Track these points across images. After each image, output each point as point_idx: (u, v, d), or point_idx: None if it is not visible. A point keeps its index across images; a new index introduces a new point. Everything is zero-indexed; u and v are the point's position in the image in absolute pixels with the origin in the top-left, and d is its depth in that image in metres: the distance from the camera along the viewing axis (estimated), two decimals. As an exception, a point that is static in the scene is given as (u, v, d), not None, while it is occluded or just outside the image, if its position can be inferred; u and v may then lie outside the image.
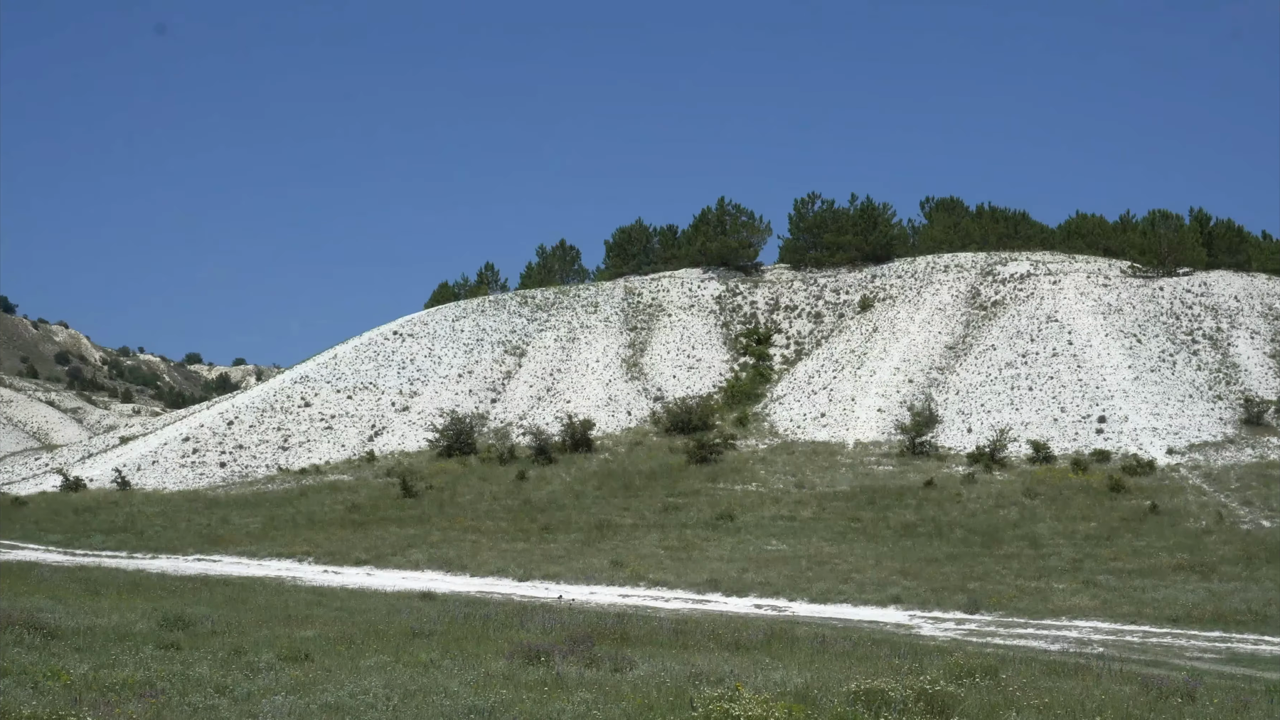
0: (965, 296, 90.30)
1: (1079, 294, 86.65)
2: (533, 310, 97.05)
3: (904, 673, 18.21)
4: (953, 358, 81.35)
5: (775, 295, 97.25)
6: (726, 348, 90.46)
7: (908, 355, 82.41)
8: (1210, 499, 56.28)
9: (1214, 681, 22.62)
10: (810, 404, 78.14)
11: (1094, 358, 77.13)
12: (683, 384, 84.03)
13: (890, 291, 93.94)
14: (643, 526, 55.26)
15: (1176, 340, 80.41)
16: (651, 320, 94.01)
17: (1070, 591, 40.89)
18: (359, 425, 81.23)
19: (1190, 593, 40.31)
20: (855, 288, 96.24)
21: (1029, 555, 47.96)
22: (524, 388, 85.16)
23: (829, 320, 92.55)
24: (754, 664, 19.70)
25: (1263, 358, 78.40)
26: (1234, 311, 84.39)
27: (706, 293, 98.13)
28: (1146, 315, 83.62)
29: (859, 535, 52.88)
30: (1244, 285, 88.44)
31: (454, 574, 45.46)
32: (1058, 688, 18.72)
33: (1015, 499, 57.84)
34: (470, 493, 63.80)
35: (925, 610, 38.18)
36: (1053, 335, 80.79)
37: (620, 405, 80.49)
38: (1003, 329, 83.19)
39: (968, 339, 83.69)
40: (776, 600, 39.80)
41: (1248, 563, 45.02)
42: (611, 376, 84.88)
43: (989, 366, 78.40)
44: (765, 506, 58.46)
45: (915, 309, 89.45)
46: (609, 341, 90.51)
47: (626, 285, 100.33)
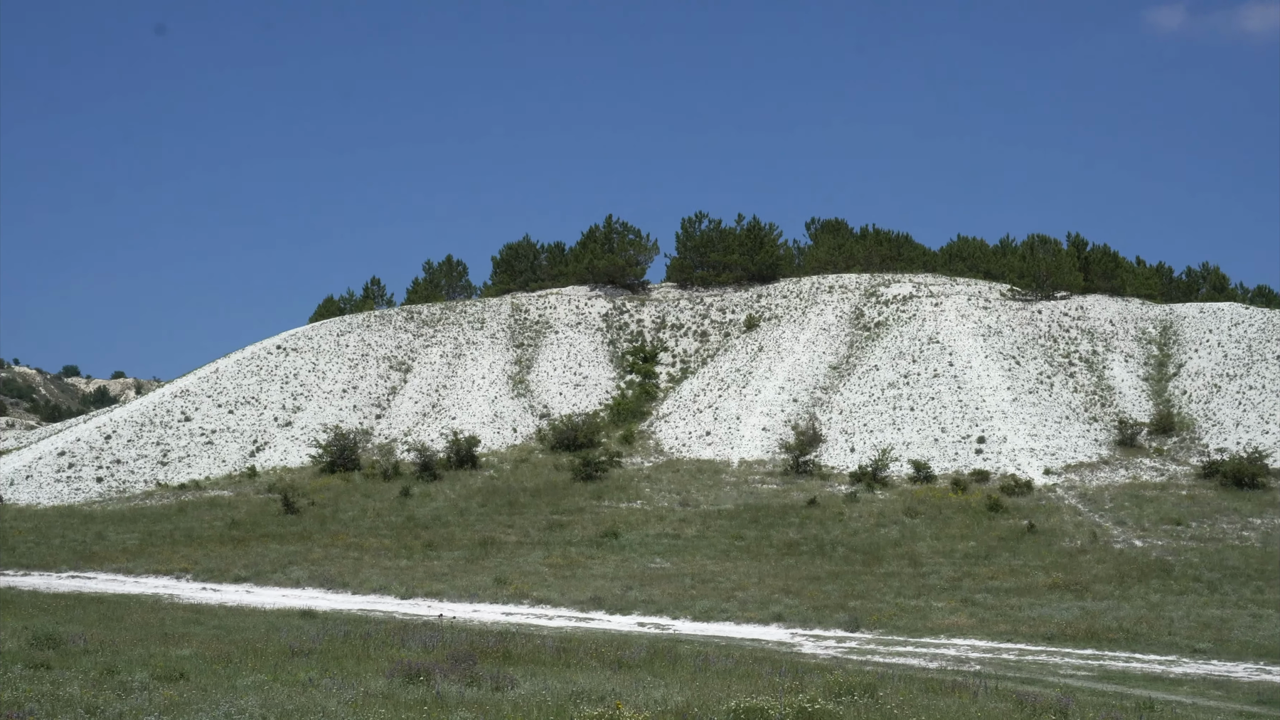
0: (849, 317, 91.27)
1: (960, 316, 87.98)
2: (419, 326, 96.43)
3: (784, 691, 18.33)
4: (836, 378, 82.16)
5: (662, 314, 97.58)
6: (613, 365, 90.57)
7: (792, 375, 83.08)
8: (1085, 519, 57.40)
9: (1086, 698, 23.06)
10: (696, 422, 78.46)
11: (974, 379, 78.34)
12: (569, 401, 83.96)
13: (776, 311, 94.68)
14: (527, 544, 55.13)
15: (1054, 363, 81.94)
16: (538, 337, 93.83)
17: (949, 610, 41.49)
18: (240, 440, 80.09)
19: (1065, 611, 41.10)
20: (741, 307, 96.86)
21: (909, 574, 48.58)
22: (409, 404, 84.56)
23: (715, 339, 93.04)
24: (635, 682, 19.72)
25: (1136, 380, 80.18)
26: (1109, 335, 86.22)
27: (594, 310, 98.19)
28: (1025, 338, 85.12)
29: (743, 553, 53.20)
30: (1119, 309, 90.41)
31: (336, 592, 45.00)
32: (935, 705, 18.96)
33: (896, 518, 58.55)
34: (353, 509, 63.20)
35: (807, 628, 38.51)
36: (934, 356, 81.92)
37: (506, 422, 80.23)
38: (886, 350, 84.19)
39: (851, 359, 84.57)
40: (660, 618, 39.91)
41: (1120, 581, 46.00)
42: (498, 393, 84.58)
43: (872, 387, 79.29)
44: (650, 524, 58.60)
45: (800, 329, 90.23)
46: (495, 358, 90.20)
47: (514, 302, 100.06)
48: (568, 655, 23.80)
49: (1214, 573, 47.03)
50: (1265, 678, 30.16)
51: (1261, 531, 54.04)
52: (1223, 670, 31.40)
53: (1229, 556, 49.71)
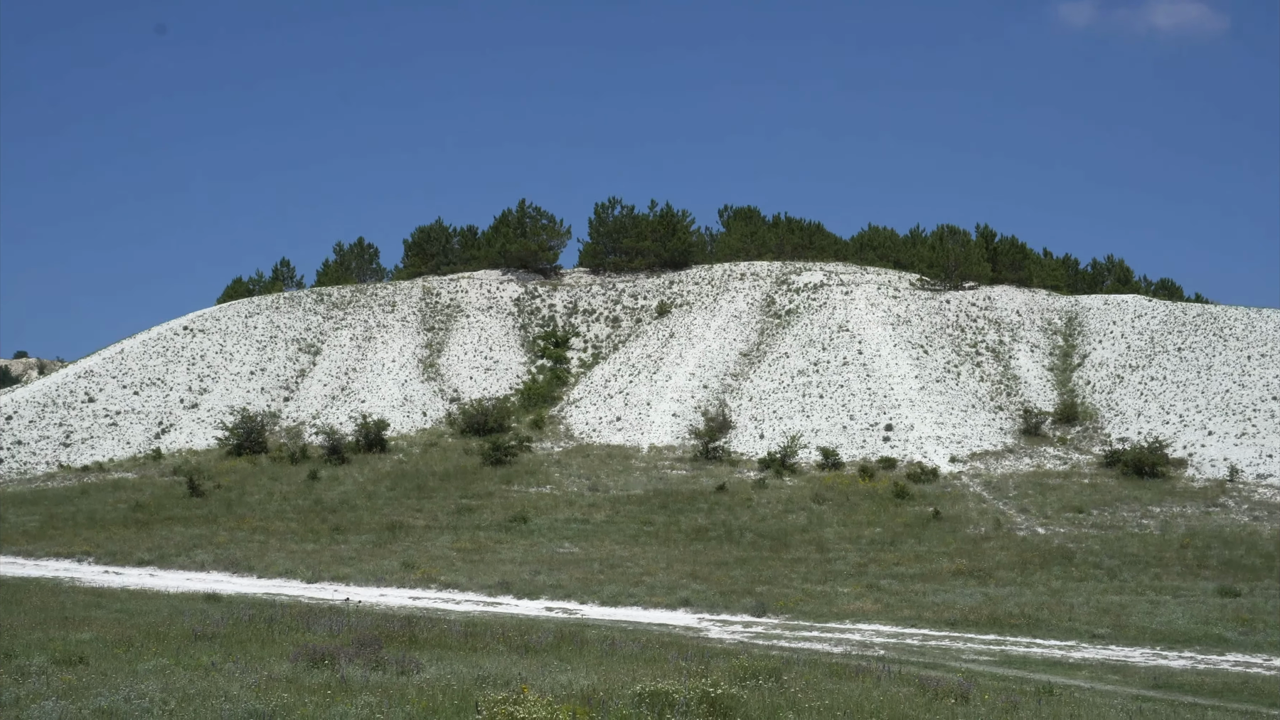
0: (760, 304, 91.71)
1: (870, 305, 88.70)
2: (329, 308, 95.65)
3: (689, 675, 18.41)
4: (747, 365, 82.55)
5: (574, 299, 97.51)
6: (524, 350, 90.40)
7: (703, 361, 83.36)
8: (989, 506, 58.15)
9: (987, 683, 23.36)
10: (606, 408, 78.51)
11: (883, 367, 79.05)
12: (480, 385, 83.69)
13: (687, 298, 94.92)
14: (436, 528, 54.93)
15: (961, 352, 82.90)
16: (449, 321, 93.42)
17: (855, 595, 41.85)
18: (146, 422, 79.04)
19: (968, 597, 41.62)
20: (653, 293, 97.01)
21: (816, 559, 48.96)
22: (318, 387, 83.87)
23: (627, 325, 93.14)
24: (542, 666, 19.72)
25: (1041, 370, 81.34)
26: (1016, 325, 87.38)
27: (505, 295, 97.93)
28: (934, 327, 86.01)
29: (651, 538, 53.34)
30: (1025, 300, 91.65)
31: (241, 575, 44.57)
32: (839, 689, 19.10)
33: (804, 504, 58.99)
34: (260, 492, 62.60)
35: (714, 613, 38.67)
36: (844, 344, 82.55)
37: (416, 406, 79.81)
38: (796, 337, 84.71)
39: (762, 346, 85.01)
40: (568, 603, 39.91)
41: (1022, 568, 46.67)
42: (408, 377, 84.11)
43: (782, 374, 79.75)
44: (559, 509, 58.60)
45: (712, 316, 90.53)
46: (406, 341, 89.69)
47: (425, 285, 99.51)
48: (474, 639, 23.74)
49: (1114, 560, 47.83)
50: (1161, 662, 30.71)
51: (1160, 520, 55.04)
52: (1120, 655, 31.93)
53: (1129, 544, 50.58)
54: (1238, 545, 49.82)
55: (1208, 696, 24.99)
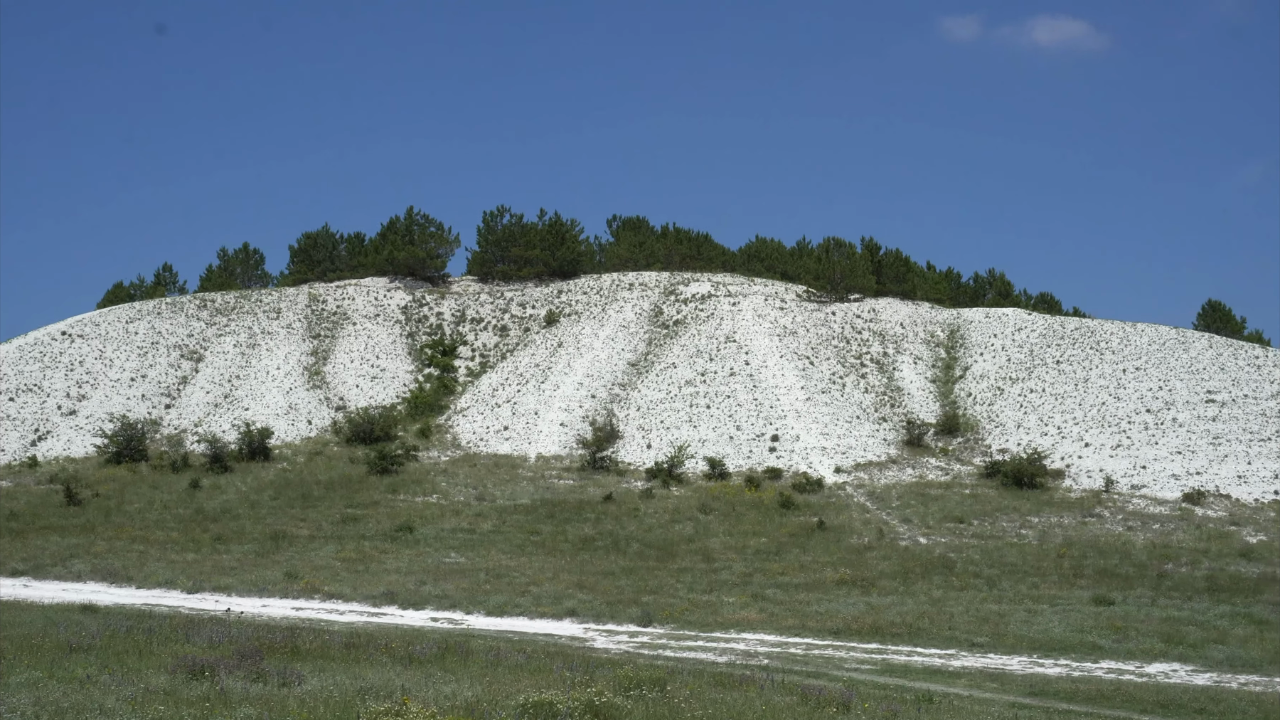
0: (649, 314, 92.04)
1: (757, 316, 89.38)
2: (212, 314, 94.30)
3: (574, 685, 18.45)
4: (635, 374, 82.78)
5: (462, 307, 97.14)
6: (411, 358, 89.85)
7: (591, 371, 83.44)
8: (873, 516, 58.84)
9: (868, 691, 23.67)
10: (494, 417, 78.29)
11: (769, 378, 79.68)
12: (366, 394, 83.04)
13: (576, 307, 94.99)
14: (320, 538, 54.39)
15: (846, 363, 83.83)
16: (336, 328, 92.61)
17: (740, 605, 42.14)
18: (21, 429, 77.31)
19: (851, 606, 42.08)
20: (542, 302, 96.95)
21: (702, 569, 49.20)
22: (201, 394, 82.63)
23: (515, 334, 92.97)
24: (426, 677, 19.63)
25: (924, 382, 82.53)
26: (899, 337, 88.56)
27: (393, 302, 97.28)
28: (819, 338, 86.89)
29: (538, 548, 53.27)
30: (909, 313, 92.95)
31: (119, 585, 43.79)
32: (722, 699, 19.24)
33: (691, 514, 59.25)
34: (140, 501, 61.53)
35: (600, 623, 38.73)
36: (731, 355, 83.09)
37: (301, 414, 78.96)
38: (684, 347, 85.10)
39: (650, 356, 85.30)
40: (453, 613, 39.76)
41: (904, 577, 47.28)
42: (293, 384, 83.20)
43: (669, 384, 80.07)
44: (445, 518, 58.32)
45: (600, 325, 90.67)
46: (291, 349, 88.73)
47: (311, 292, 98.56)
48: (358, 651, 23.57)
49: (993, 569, 48.61)
50: (1038, 670, 31.29)
51: (1039, 530, 56.03)
52: (999, 663, 32.49)
53: (1008, 554, 51.43)
54: (1112, 555, 50.88)
55: (1082, 703, 25.52)
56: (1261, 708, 25.52)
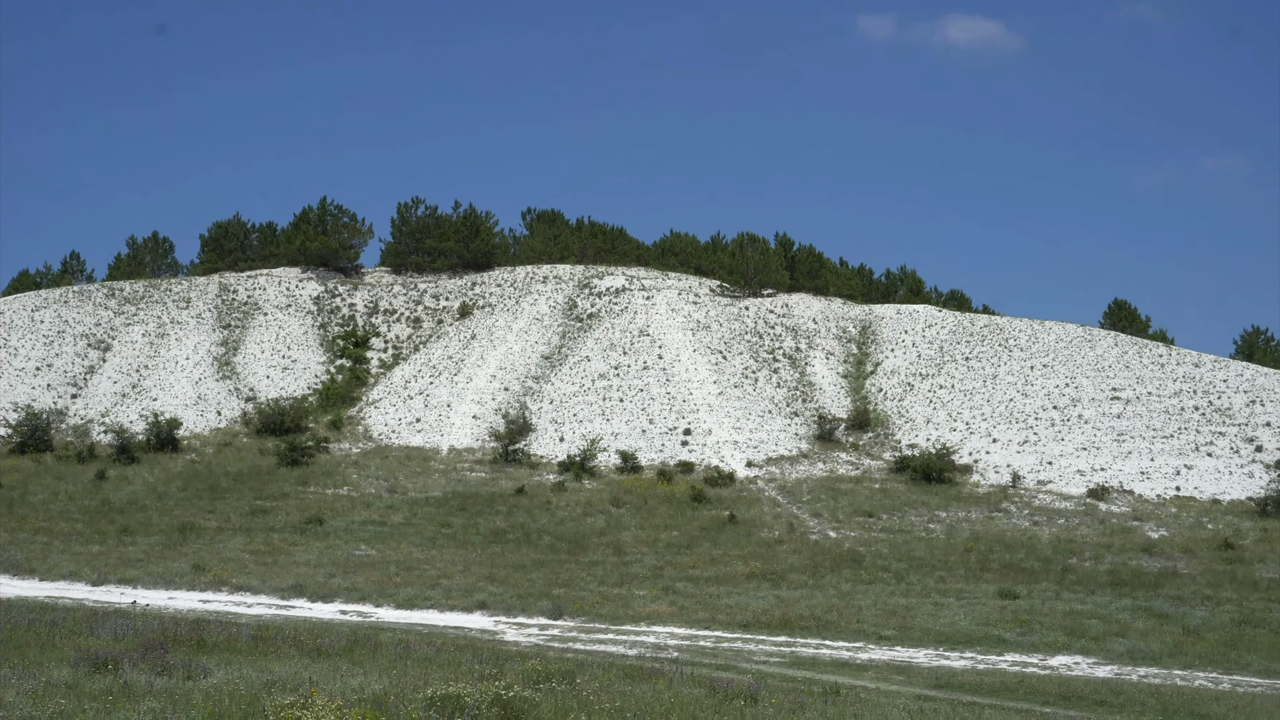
0: (563, 308, 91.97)
1: (670, 310, 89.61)
2: (120, 303, 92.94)
3: (483, 678, 18.43)
4: (548, 367, 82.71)
5: (375, 298, 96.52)
6: (323, 349, 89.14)
7: (505, 363, 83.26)
8: (784, 510, 59.23)
9: (776, 684, 23.84)
10: (406, 409, 77.89)
11: (682, 372, 79.92)
12: (277, 385, 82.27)
13: (490, 300, 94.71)
14: (228, 530, 53.87)
15: (759, 358, 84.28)
16: (247, 319, 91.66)
17: (650, 598, 42.29)
18: (-79, 418, 75.83)
19: (761, 599, 42.37)
20: (455, 294, 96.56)
21: (613, 562, 49.31)
22: (108, 384, 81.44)
23: (428, 326, 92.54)
24: (334, 670, 19.52)
25: (836, 377, 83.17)
26: (812, 333, 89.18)
27: (305, 293, 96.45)
28: (732, 333, 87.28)
29: (449, 541, 53.12)
30: (822, 308, 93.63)
31: (21, 578, 43.11)
32: (631, 691, 19.29)
33: (603, 507, 59.34)
34: (44, 492, 60.57)
35: (511, 616, 38.72)
36: (644, 349, 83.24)
37: (210, 405, 78.10)
38: (597, 341, 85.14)
39: (563, 349, 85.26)
40: (363, 606, 39.56)
41: (814, 571, 47.68)
42: (202, 375, 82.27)
43: (583, 377, 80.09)
44: (356, 511, 57.99)
45: (514, 318, 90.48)
46: (201, 339, 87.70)
47: (221, 281, 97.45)
48: (265, 644, 23.37)
49: (901, 563, 49.14)
50: (944, 663, 31.69)
51: (946, 524, 56.70)
52: (905, 656, 32.87)
53: (915, 548, 52.01)
54: (1018, 549, 51.60)
55: (986, 695, 25.88)
56: (1160, 699, 26.02)
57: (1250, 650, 35.19)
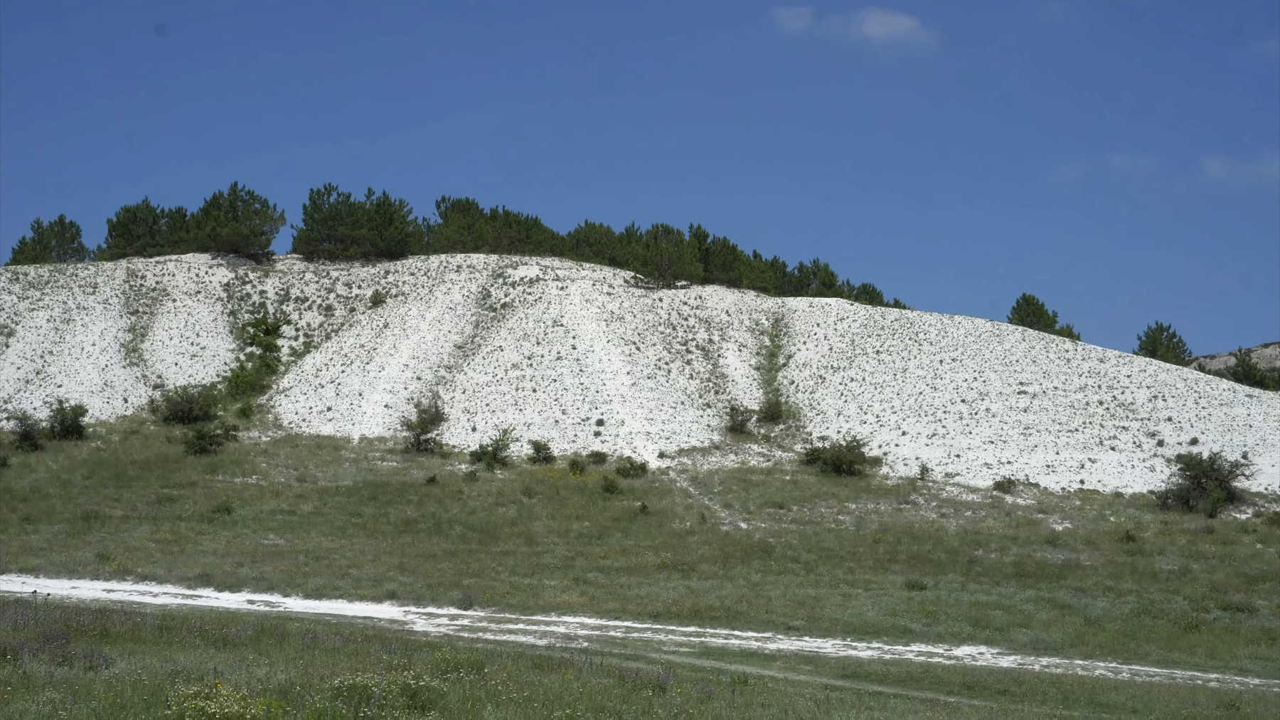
0: (476, 297, 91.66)
1: (584, 300, 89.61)
2: (24, 288, 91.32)
3: (391, 668, 18.38)
4: (461, 357, 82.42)
5: (286, 286, 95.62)
6: (233, 337, 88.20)
7: (417, 353, 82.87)
8: (695, 501, 59.48)
9: (685, 674, 23.98)
10: (317, 397, 77.31)
11: (596, 363, 79.98)
12: (185, 372, 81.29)
13: (403, 288, 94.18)
14: (134, 518, 53.20)
15: (673, 350, 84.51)
16: (155, 305, 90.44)
17: (561, 588, 42.33)
18: None
19: (672, 590, 42.54)
20: (368, 283, 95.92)
21: (524, 552, 49.29)
22: (11, 369, 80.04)
23: (340, 314, 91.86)
24: (239, 660, 19.39)
25: (748, 369, 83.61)
26: (725, 325, 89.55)
27: (215, 279, 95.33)
28: (646, 324, 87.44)
29: (359, 531, 52.84)
30: (735, 300, 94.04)
31: (-81, 567, 42.34)
32: (540, 681, 19.33)
33: (514, 497, 59.28)
34: (-57, 480, 59.47)
35: (420, 606, 38.60)
36: (558, 339, 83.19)
37: (117, 392, 77.03)
38: (511, 331, 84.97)
39: (477, 339, 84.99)
40: (271, 595, 39.26)
41: (724, 562, 47.93)
42: (109, 361, 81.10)
43: (496, 367, 79.89)
44: (265, 500, 57.49)
45: (427, 307, 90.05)
46: (108, 325, 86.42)
47: (129, 267, 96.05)
48: (170, 634, 23.15)
49: (811, 554, 49.54)
50: (851, 653, 32.02)
51: (855, 516, 57.24)
52: (813, 646, 33.17)
53: (825, 539, 52.46)
54: (925, 541, 52.22)
55: (892, 685, 26.18)
56: (1061, 688, 26.47)
57: (1149, 640, 35.88)
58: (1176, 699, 25.43)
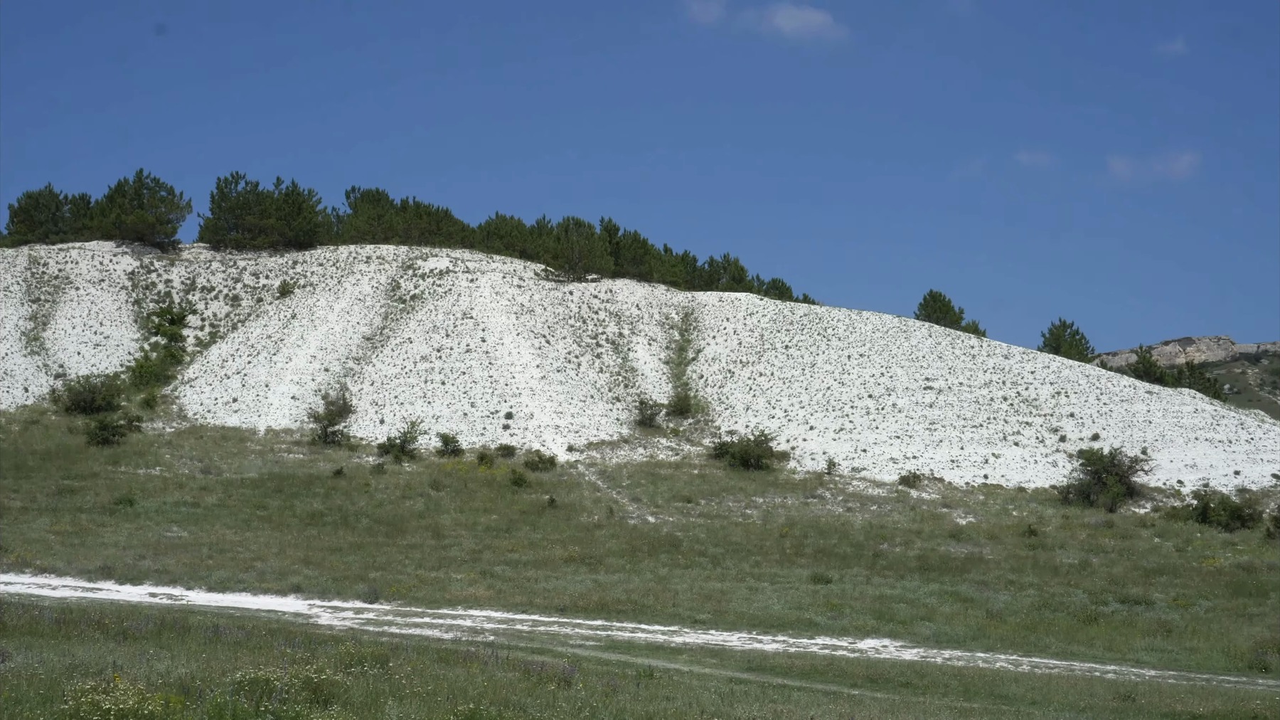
0: (386, 288, 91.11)
1: (494, 293, 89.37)
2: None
3: (294, 662, 18.25)
4: (370, 349, 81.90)
5: (193, 275, 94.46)
6: (138, 326, 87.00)
7: (325, 344, 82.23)
8: (604, 495, 59.56)
9: (591, 667, 24.01)
10: (223, 388, 76.47)
11: (505, 356, 79.80)
12: (88, 362, 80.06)
13: (311, 279, 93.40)
14: (33, 510, 52.29)
15: (583, 343, 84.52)
16: (57, 293, 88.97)
17: (468, 581, 42.19)
18: None
19: (579, 583, 42.55)
20: (276, 273, 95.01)
21: (431, 546, 49.08)
22: (-94, 357, 78.47)
23: (247, 304, 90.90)
24: (140, 654, 19.15)
25: (658, 364, 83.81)
26: (635, 319, 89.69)
27: (119, 268, 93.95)
28: (556, 317, 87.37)
29: (264, 523, 52.34)
30: (645, 294, 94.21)
31: None
32: (445, 675, 19.27)
33: (422, 490, 59.02)
34: None
35: (326, 599, 38.31)
36: (468, 332, 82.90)
37: (17, 381, 75.69)
38: (420, 323, 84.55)
39: (386, 331, 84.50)
40: (173, 588, 38.77)
41: (632, 555, 48.04)
42: (8, 350, 79.66)
43: (405, 359, 79.48)
44: (169, 492, 56.78)
45: (335, 298, 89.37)
46: (8, 313, 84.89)
47: (31, 254, 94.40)
48: (69, 626, 22.81)
49: (718, 548, 49.77)
50: (756, 646, 32.21)
51: (763, 510, 57.58)
52: (719, 639, 33.32)
53: (732, 533, 52.73)
54: (831, 534, 52.65)
55: (796, 678, 26.38)
56: (962, 680, 26.81)
57: (1049, 633, 36.42)
58: (1074, 690, 25.85)
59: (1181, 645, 34.62)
